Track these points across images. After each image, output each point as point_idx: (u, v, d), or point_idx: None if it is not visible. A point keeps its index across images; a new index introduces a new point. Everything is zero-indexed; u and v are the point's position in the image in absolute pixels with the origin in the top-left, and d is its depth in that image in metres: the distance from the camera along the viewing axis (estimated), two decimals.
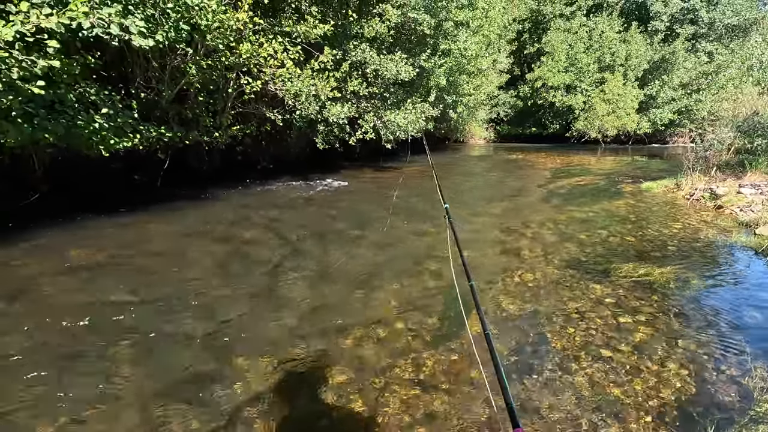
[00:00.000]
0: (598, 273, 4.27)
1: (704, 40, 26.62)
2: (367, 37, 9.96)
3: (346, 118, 10.07)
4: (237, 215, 6.63)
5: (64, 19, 4.20)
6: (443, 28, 12.35)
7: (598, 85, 25.61)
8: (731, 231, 5.69)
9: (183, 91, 7.80)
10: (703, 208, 7.17)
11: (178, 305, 3.50)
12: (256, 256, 4.77)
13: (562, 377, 2.61)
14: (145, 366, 2.68)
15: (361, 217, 6.69)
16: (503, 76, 27.64)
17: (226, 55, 6.98)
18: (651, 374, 2.64)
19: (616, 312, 3.43)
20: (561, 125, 27.90)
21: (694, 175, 8.74)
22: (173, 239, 5.30)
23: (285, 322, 3.26)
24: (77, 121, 5.23)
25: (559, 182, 10.89)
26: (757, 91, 19.20)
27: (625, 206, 7.53)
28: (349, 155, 14.38)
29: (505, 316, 3.41)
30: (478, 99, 20.57)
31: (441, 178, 2.88)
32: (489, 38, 18.53)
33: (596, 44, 25.81)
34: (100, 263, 4.41)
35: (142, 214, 6.43)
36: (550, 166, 15.03)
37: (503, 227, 6.13)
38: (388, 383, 2.54)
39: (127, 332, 3.05)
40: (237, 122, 9.51)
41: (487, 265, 4.56)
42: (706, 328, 3.17)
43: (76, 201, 6.93)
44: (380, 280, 4.10)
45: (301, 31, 8.00)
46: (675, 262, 4.55)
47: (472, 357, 2.78)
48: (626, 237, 5.54)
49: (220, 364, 2.71)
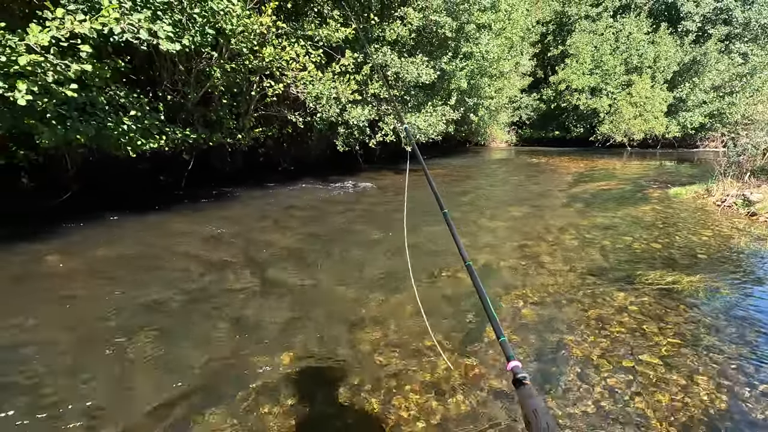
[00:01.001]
0: (621, 280, 4.14)
1: (738, 40, 25.60)
2: (389, 40, 9.99)
3: (366, 120, 10.11)
4: (258, 216, 6.74)
5: (97, 25, 4.37)
6: (465, 30, 12.30)
7: (625, 87, 24.96)
8: (766, 239, 5.44)
9: (207, 94, 7.99)
10: (736, 215, 6.88)
11: (198, 303, 3.58)
12: (275, 256, 4.83)
13: (582, 386, 2.54)
14: (164, 363, 2.74)
15: (379, 220, 6.70)
16: (526, 79, 27.27)
17: (249, 59, 7.11)
18: (677, 387, 2.54)
19: (641, 320, 3.32)
20: (585, 129, 27.30)
21: (726, 181, 8.40)
22: (197, 239, 5.42)
23: (303, 322, 3.28)
24: (107, 123, 5.43)
25: (582, 187, 10.65)
26: None
27: (652, 212, 7.30)
28: (369, 158, 14.45)
29: (525, 322, 3.34)
30: (499, 102, 20.37)
31: (460, 181, 2.84)
32: (512, 41, 18.34)
33: (623, 46, 25.16)
34: (126, 261, 4.55)
35: (167, 214, 6.61)
36: (574, 170, 14.71)
37: (524, 232, 6.03)
38: (400, 385, 2.53)
39: (150, 329, 3.13)
40: (259, 124, 9.68)
41: (507, 270, 4.49)
42: (737, 341, 3.03)
43: (106, 200, 7.18)
44: (397, 281, 4.09)
45: (323, 35, 8.09)
46: (705, 270, 4.37)
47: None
48: (652, 244, 5.36)
49: (238, 360, 2.75)
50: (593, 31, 25.82)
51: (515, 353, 1.05)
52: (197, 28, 5.66)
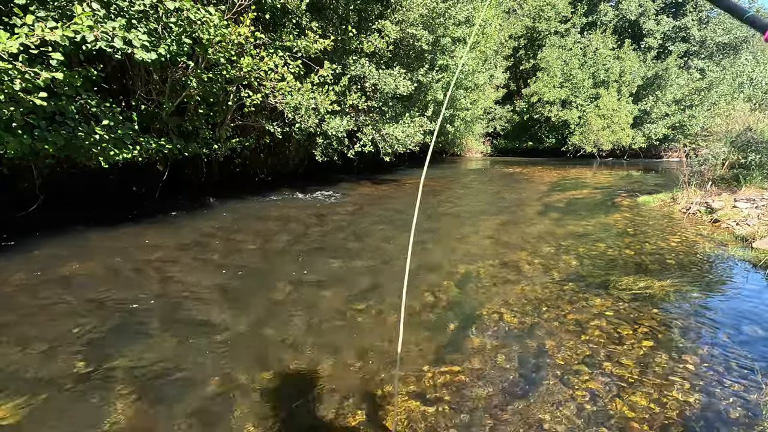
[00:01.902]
0: (597, 286, 4.27)
1: (696, 57, 27.20)
2: (366, 52, 10.11)
3: (344, 131, 10.15)
4: (232, 228, 6.62)
5: (69, 33, 4.25)
6: (441, 43, 12.58)
7: (593, 100, 26.03)
8: (728, 245, 5.73)
9: (183, 104, 7.86)
10: (700, 221, 7.22)
11: (168, 316, 3.47)
12: (248, 269, 4.75)
13: (563, 391, 2.59)
14: (135, 388, 2.64)
15: (357, 231, 6.69)
16: (500, 91, 28.06)
17: (227, 69, 7.05)
18: (654, 388, 2.62)
19: (617, 324, 3.42)
20: (557, 139, 28.25)
21: (690, 190, 8.82)
22: (168, 252, 5.27)
23: (274, 337, 3.23)
24: (78, 133, 5.25)
25: (556, 196, 10.96)
26: (748, 107, 19.53)
27: (623, 220, 7.58)
28: (347, 168, 14.47)
29: (506, 329, 3.39)
30: (475, 113, 20.83)
31: (439, 192, 2.88)
32: (485, 54, 18.87)
33: (590, 60, 26.30)
34: (93, 274, 4.38)
35: (138, 226, 6.41)
36: (547, 179, 15.14)
37: (502, 241, 6.14)
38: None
39: (119, 346, 3.01)
40: (236, 134, 9.57)
41: (487, 277, 4.56)
42: (708, 342, 3.16)
43: (74, 212, 6.90)
44: (372, 294, 4.09)
45: (302, 46, 8.12)
46: (674, 275, 4.56)
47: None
48: (624, 250, 5.56)
49: (207, 377, 2.67)
50: (562, 46, 26.91)
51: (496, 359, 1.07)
52: (173, 38, 5.59)
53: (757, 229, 6.00)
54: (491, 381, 2.69)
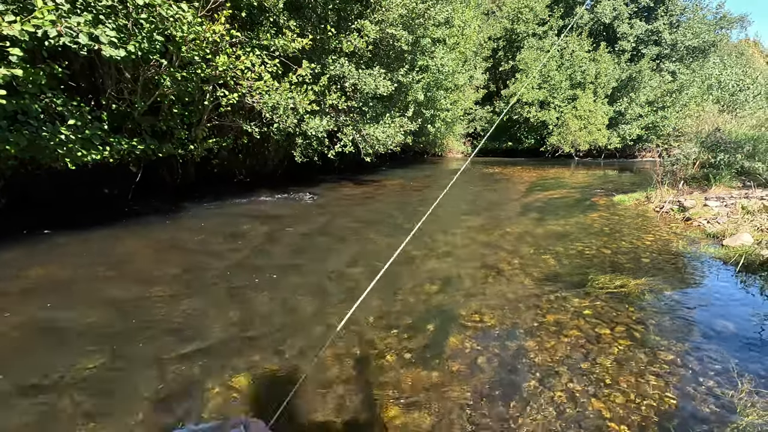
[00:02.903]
0: (575, 285, 4.31)
1: (668, 60, 28.06)
2: (346, 52, 10.02)
3: (324, 131, 10.04)
4: (206, 230, 6.44)
5: (29, 27, 4.04)
6: (421, 44, 12.59)
7: (570, 101, 26.55)
8: (700, 242, 5.88)
9: (157, 103, 7.62)
10: (673, 220, 7.41)
11: (139, 324, 3.33)
12: (222, 272, 4.62)
13: (543, 392, 2.58)
14: (101, 392, 2.50)
15: (336, 232, 6.61)
16: (480, 92, 28.33)
17: (202, 67, 6.87)
18: (630, 387, 2.64)
19: (595, 324, 3.45)
20: (536, 140, 28.71)
21: (663, 189, 9.06)
22: (139, 256, 5.09)
23: (250, 339, 3.13)
24: (42, 133, 5.01)
25: (535, 196, 11.10)
26: (717, 108, 20.26)
27: (599, 219, 7.71)
28: (328, 169, 14.33)
29: (485, 330, 3.37)
30: (455, 114, 20.97)
31: (419, 191, 2.83)
32: (465, 55, 19.03)
33: (567, 62, 26.81)
34: (60, 280, 4.18)
35: (109, 230, 6.18)
36: (526, 179, 15.34)
37: (481, 241, 6.16)
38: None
39: (88, 354, 2.86)
40: (213, 135, 9.35)
41: (467, 278, 4.54)
42: (681, 340, 3.21)
43: (41, 216, 6.61)
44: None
45: (279, 45, 7.98)
46: (649, 273, 4.64)
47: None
48: (601, 249, 5.64)
49: (182, 386, 2.56)
50: (540, 48, 27.33)
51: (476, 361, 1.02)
52: (144, 35, 5.40)
53: (727, 226, 6.18)
54: (469, 384, 2.66)
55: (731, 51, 39.02)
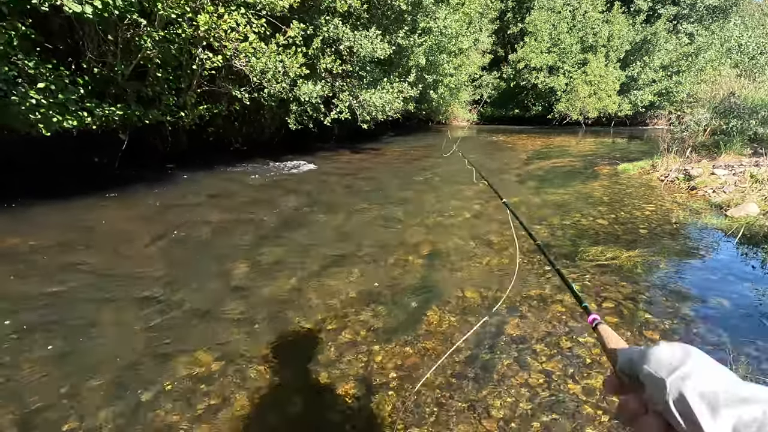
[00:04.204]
0: (566, 257, 4.12)
1: (686, 21, 26.62)
2: (340, 12, 9.49)
3: (319, 97, 9.67)
4: (196, 200, 6.29)
5: None
6: (422, 4, 11.91)
7: (581, 66, 25.46)
8: (702, 213, 5.61)
9: (143, 68, 7.29)
10: (677, 189, 7.11)
11: (119, 294, 3.22)
12: (211, 243, 4.49)
13: (518, 373, 2.44)
14: (76, 364, 2.41)
15: (328, 202, 6.43)
16: (486, 57, 27.25)
17: (183, 28, 6.50)
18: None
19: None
20: (543, 107, 27.81)
21: (670, 157, 8.67)
22: (123, 225, 4.96)
23: (232, 312, 3.02)
24: (11, 97, 4.78)
25: (537, 164, 10.76)
26: (735, 73, 19.32)
27: (600, 188, 7.43)
28: (325, 136, 14.00)
29: (466, 305, 3.23)
30: (459, 80, 20.23)
31: (421, 159, 2.61)
32: (470, 16, 18.12)
33: (579, 24, 25.54)
34: (38, 251, 4.07)
35: (95, 198, 6.05)
36: (531, 147, 14.90)
37: (476, 211, 5.94)
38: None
39: (57, 325, 2.76)
40: (204, 101, 9.03)
41: (454, 251, 4.37)
42: (672, 317, 3.04)
43: (23, 184, 6.48)
44: (346, 264, 3.88)
45: (266, 3, 7.52)
46: (645, 245, 4.43)
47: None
48: (598, 220, 5.41)
49: (160, 361, 2.46)
50: (551, 9, 25.96)
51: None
52: None
53: (733, 196, 5.89)
54: (443, 363, 2.53)
55: (754, 11, 36.90)
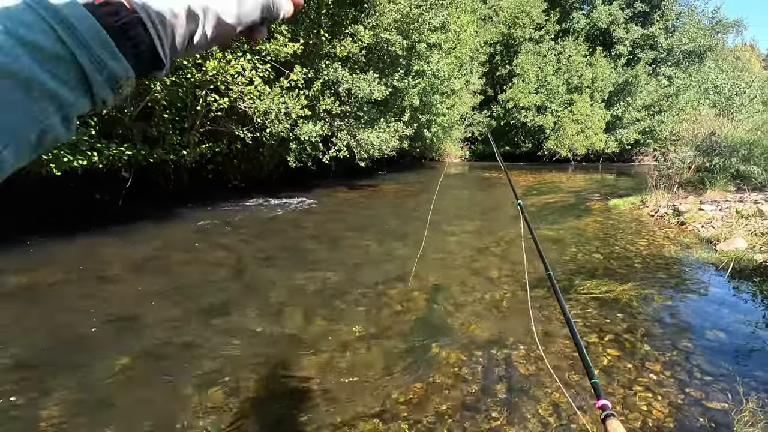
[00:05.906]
0: (566, 291, 4.23)
1: (664, 64, 28.13)
2: (340, 57, 10.00)
3: (318, 136, 9.99)
4: (198, 237, 6.37)
5: None
6: (416, 49, 12.57)
7: (567, 105, 26.57)
8: (693, 247, 5.82)
9: (148, 108, 7.57)
10: (667, 224, 7.35)
11: (126, 332, 3.26)
12: (214, 280, 4.55)
13: (527, 404, 2.51)
14: (82, 404, 2.43)
15: (329, 238, 6.55)
16: (477, 97, 28.30)
17: (191, 72, 6.83)
18: (618, 398, 2.56)
19: (584, 333, 3.37)
20: (533, 144, 28.69)
21: (658, 193, 9.00)
22: (127, 263, 5.02)
23: (240, 351, 3.06)
24: None
25: (531, 200, 11.04)
26: (713, 112, 20.27)
27: (594, 223, 7.65)
28: (323, 173, 14.26)
29: (473, 339, 3.30)
30: (452, 119, 20.95)
31: (417, 195, 2.77)
32: (461, 60, 19.04)
33: (564, 67, 26.86)
34: (45, 288, 4.10)
35: (98, 236, 6.11)
36: (523, 184, 15.29)
37: (474, 246, 6.09)
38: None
39: (61, 364, 2.79)
40: (206, 140, 9.29)
41: (457, 285, 4.48)
42: (672, 349, 3.14)
43: (26, 222, 6.54)
44: (353, 297, 3.95)
45: (271, 49, 7.94)
46: (641, 279, 4.58)
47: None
48: (594, 255, 5.58)
49: (167, 396, 2.49)
50: (537, 53, 27.38)
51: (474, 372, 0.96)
52: None
53: (721, 231, 6.13)
54: (452, 395, 2.59)
55: (727, 55, 39.18)
